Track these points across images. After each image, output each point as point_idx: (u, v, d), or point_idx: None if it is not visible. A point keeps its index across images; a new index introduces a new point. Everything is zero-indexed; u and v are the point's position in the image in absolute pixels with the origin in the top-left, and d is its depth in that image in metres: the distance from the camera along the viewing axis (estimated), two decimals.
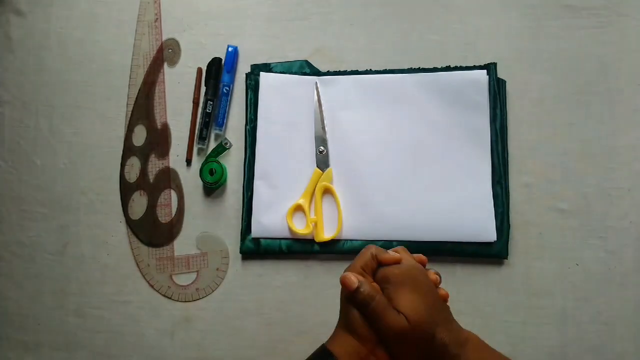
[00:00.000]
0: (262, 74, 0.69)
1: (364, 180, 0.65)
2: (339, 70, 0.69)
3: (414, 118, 0.66)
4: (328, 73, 0.69)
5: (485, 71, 0.66)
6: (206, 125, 0.68)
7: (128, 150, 0.70)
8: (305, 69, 0.69)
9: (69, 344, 0.67)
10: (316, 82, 0.68)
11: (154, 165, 0.69)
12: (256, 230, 0.65)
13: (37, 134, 0.71)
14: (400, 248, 0.50)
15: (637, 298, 0.62)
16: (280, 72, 0.69)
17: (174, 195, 0.69)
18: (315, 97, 0.68)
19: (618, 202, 0.64)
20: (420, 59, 0.68)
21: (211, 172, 0.66)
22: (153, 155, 0.70)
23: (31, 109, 0.72)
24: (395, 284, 0.45)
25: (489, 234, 0.62)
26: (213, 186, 0.67)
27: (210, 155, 0.67)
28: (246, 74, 0.69)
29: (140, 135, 0.70)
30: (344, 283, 0.45)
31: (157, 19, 0.72)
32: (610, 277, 0.62)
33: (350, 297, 0.45)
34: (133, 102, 0.71)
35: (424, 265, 0.50)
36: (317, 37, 0.70)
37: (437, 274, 0.49)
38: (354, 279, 0.45)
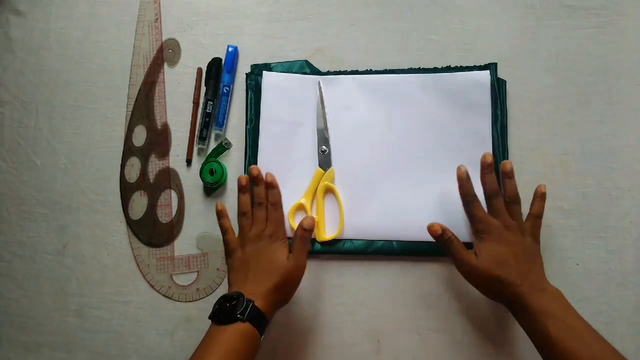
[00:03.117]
0: (264, 73, 0.69)
1: (365, 180, 0.66)
2: (339, 70, 0.69)
3: (417, 119, 0.66)
4: (328, 73, 0.69)
5: (488, 72, 0.66)
6: (206, 125, 0.68)
7: (128, 150, 0.70)
8: (306, 69, 0.69)
9: (69, 344, 0.67)
10: (319, 82, 0.68)
11: (154, 165, 0.69)
12: None
13: (37, 134, 0.71)
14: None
15: (637, 298, 0.62)
16: (281, 72, 0.69)
17: (174, 195, 0.69)
18: (318, 97, 0.68)
19: (618, 202, 0.64)
20: (420, 59, 0.68)
21: (211, 172, 0.66)
22: (153, 156, 0.70)
23: (31, 109, 0.72)
24: (487, 236, 0.56)
25: None
26: (213, 186, 0.67)
27: (210, 155, 0.67)
28: (246, 74, 0.69)
29: (140, 136, 0.70)
30: (430, 230, 0.58)
31: (157, 19, 0.72)
32: (611, 277, 0.63)
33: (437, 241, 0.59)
34: (133, 102, 0.71)
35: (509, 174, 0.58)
36: (317, 37, 0.70)
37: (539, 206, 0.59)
38: (437, 227, 0.57)
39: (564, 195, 0.64)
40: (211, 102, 0.69)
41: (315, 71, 0.69)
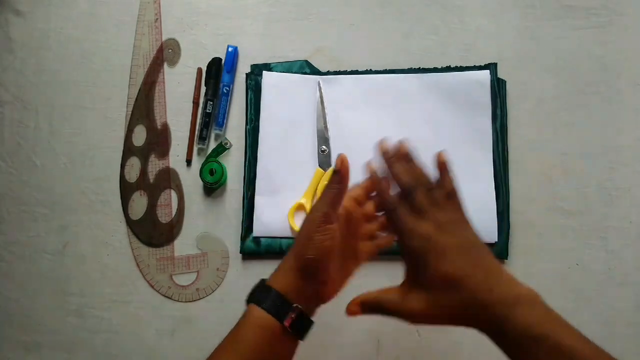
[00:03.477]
0: (264, 72, 0.69)
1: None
2: (339, 70, 0.69)
3: (417, 118, 0.66)
4: (328, 73, 0.69)
5: (488, 72, 0.66)
6: (206, 125, 0.68)
7: (128, 150, 0.70)
8: (306, 69, 0.69)
9: (69, 344, 0.67)
10: (319, 82, 0.68)
11: (154, 165, 0.69)
12: (258, 229, 0.65)
13: (37, 134, 0.71)
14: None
15: (637, 298, 0.62)
16: (281, 72, 0.69)
17: (174, 195, 0.69)
18: (318, 97, 0.68)
19: (618, 202, 0.64)
20: (420, 59, 0.68)
21: (211, 172, 0.66)
22: (153, 156, 0.70)
23: (31, 109, 0.72)
24: (427, 255, 0.41)
25: (491, 234, 0.62)
26: (213, 186, 0.67)
27: (210, 155, 0.67)
28: (246, 74, 0.69)
29: (140, 136, 0.70)
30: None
31: (157, 19, 0.72)
32: (611, 277, 0.62)
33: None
34: (133, 102, 0.71)
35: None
36: (317, 37, 0.70)
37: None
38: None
39: (564, 195, 0.64)
40: (211, 102, 0.69)
41: (315, 71, 0.69)
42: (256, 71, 0.69)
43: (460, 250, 0.41)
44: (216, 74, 0.69)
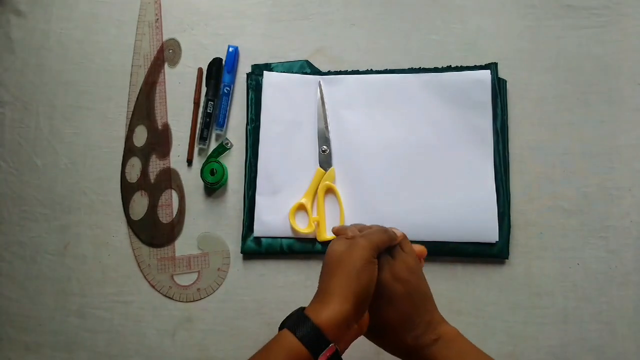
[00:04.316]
0: (265, 73, 0.69)
1: (366, 179, 0.66)
2: (340, 70, 0.69)
3: (418, 118, 0.67)
4: (329, 73, 0.69)
5: (489, 71, 0.66)
6: (207, 125, 0.68)
7: (129, 150, 0.70)
8: (306, 69, 0.69)
9: (69, 344, 0.67)
10: (320, 82, 0.68)
11: (155, 165, 0.69)
12: (259, 229, 0.65)
13: (37, 134, 0.71)
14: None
15: (638, 297, 0.62)
16: (282, 72, 0.69)
17: (175, 195, 0.69)
18: (319, 96, 0.68)
19: (619, 201, 0.64)
20: (421, 59, 0.68)
21: (212, 173, 0.66)
22: (154, 156, 0.70)
23: (32, 110, 0.72)
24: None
25: (491, 234, 0.63)
26: (214, 186, 0.67)
27: (211, 156, 0.67)
28: (247, 74, 0.70)
29: (141, 136, 0.70)
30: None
31: (157, 19, 0.72)
32: (611, 277, 0.63)
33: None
34: (134, 103, 0.71)
35: (422, 256, 0.53)
36: (318, 37, 0.70)
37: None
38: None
39: (565, 195, 0.65)
40: (212, 102, 0.69)
41: (315, 71, 0.69)
42: (257, 71, 0.69)
43: (407, 299, 0.48)
44: (217, 74, 0.69)
